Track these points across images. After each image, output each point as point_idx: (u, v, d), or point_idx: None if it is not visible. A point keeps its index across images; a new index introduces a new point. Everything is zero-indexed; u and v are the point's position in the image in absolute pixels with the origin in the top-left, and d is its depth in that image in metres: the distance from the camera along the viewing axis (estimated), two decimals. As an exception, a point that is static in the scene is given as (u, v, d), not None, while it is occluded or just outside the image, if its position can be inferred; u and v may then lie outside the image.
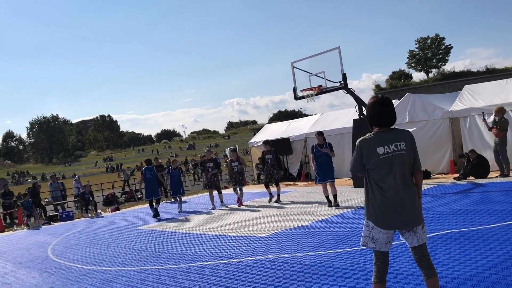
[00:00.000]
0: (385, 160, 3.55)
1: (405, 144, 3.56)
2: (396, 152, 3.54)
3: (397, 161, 3.54)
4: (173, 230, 10.70)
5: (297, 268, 5.92)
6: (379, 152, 3.56)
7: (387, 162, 3.54)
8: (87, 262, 8.43)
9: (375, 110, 3.64)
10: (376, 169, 3.59)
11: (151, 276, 6.66)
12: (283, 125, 22.13)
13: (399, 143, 3.56)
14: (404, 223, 3.53)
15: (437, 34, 57.08)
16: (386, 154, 3.55)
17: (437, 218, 7.85)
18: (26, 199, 16.48)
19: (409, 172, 3.59)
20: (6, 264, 9.44)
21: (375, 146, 3.58)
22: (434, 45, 57.00)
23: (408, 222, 3.53)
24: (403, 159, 3.55)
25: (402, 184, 3.53)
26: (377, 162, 3.57)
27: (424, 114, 14.92)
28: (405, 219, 3.52)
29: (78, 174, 37.99)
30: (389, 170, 3.54)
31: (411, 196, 3.55)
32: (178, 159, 21.12)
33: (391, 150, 3.55)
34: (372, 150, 3.58)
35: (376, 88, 51.92)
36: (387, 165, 3.54)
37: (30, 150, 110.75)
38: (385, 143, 3.56)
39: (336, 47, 13.87)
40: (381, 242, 3.59)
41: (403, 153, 3.55)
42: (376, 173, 3.59)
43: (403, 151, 3.55)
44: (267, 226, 9.40)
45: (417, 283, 4.66)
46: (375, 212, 3.58)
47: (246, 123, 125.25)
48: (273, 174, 13.12)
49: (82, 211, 18.12)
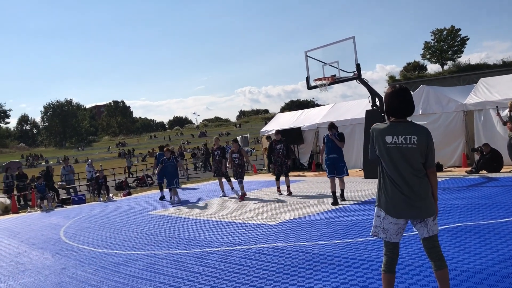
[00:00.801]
0: (391, 150, 3.52)
1: (417, 138, 3.49)
2: (403, 145, 3.49)
3: (403, 153, 3.49)
4: (183, 216, 10.80)
5: (305, 256, 5.95)
6: (387, 141, 3.54)
7: (392, 152, 3.52)
8: (98, 245, 8.55)
9: (392, 100, 3.60)
10: (383, 158, 3.59)
11: (161, 260, 6.75)
12: (295, 115, 22.09)
13: (410, 136, 3.50)
14: (414, 213, 3.52)
15: (453, 25, 56.27)
16: (393, 144, 3.52)
17: (448, 211, 7.82)
18: (40, 182, 16.71)
19: (419, 165, 3.51)
20: (20, 244, 9.62)
21: (385, 134, 3.57)
22: (450, 36, 56.19)
23: (418, 213, 3.51)
24: (411, 153, 3.48)
25: (411, 175, 3.49)
26: (383, 150, 3.56)
27: (438, 106, 14.78)
28: (416, 209, 3.50)
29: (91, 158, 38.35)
30: (394, 160, 3.52)
31: (422, 187, 3.51)
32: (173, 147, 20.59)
33: (399, 141, 3.51)
34: (381, 138, 3.58)
35: (390, 79, 51.52)
36: (392, 155, 3.52)
37: (44, 134, 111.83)
38: (395, 133, 3.53)
39: (350, 37, 13.75)
40: (392, 233, 3.59)
41: (412, 147, 3.48)
42: (384, 162, 3.59)
43: (413, 145, 3.48)
44: (277, 215, 9.44)
45: (426, 275, 4.66)
46: (386, 201, 3.57)
47: (258, 112, 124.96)
48: (284, 165, 12.55)
49: (94, 195, 18.35)
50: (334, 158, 10.30)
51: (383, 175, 3.62)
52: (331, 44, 14.47)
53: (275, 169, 12.81)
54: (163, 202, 14.38)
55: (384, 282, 3.64)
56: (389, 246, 3.63)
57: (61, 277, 6.48)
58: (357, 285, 4.63)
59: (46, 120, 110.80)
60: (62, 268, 7.00)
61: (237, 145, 13.11)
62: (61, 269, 6.97)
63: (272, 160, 12.85)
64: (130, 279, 5.93)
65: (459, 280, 4.40)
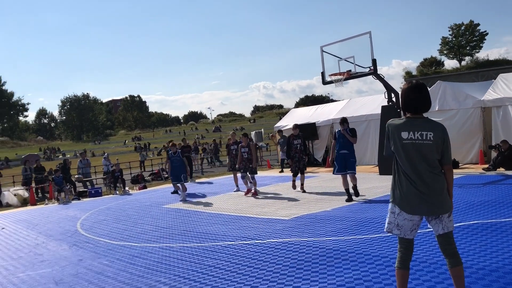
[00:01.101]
0: (406, 146, 3.51)
1: (433, 135, 3.47)
2: (419, 141, 3.48)
3: (419, 149, 3.47)
4: (197, 210, 10.87)
5: (319, 252, 5.96)
6: (403, 137, 3.53)
7: (408, 148, 3.50)
8: (114, 237, 8.67)
9: (409, 96, 3.58)
10: (398, 154, 3.57)
11: (175, 253, 6.82)
12: (309, 110, 22.01)
13: (426, 132, 3.48)
14: (429, 210, 3.49)
15: (472, 20, 55.35)
16: (409, 140, 3.50)
17: (464, 209, 7.74)
18: (57, 175, 16.96)
19: (434, 162, 3.49)
20: (38, 235, 9.79)
21: (401, 130, 3.55)
22: (468, 32, 55.31)
23: (433, 209, 3.49)
24: (427, 149, 3.47)
25: (426, 171, 3.47)
26: (399, 146, 3.55)
27: (455, 102, 14.60)
28: (431, 205, 3.48)
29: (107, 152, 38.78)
30: (410, 157, 3.50)
31: (438, 184, 3.49)
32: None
33: (415, 137, 3.49)
34: (397, 134, 3.56)
35: (406, 74, 50.98)
36: (408, 151, 3.50)
37: (62, 127, 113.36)
38: (411, 129, 3.51)
39: (367, 32, 13.64)
40: (406, 229, 3.57)
41: (428, 143, 3.46)
42: (399, 157, 3.58)
43: (429, 141, 3.46)
44: (290, 210, 9.45)
45: (440, 272, 4.64)
46: (400, 197, 3.56)
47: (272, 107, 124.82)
48: (301, 161, 12.07)
49: (110, 188, 18.56)
50: (345, 154, 10.05)
51: (398, 171, 3.61)
52: (347, 39, 14.37)
53: (292, 165, 12.34)
54: (177, 196, 14.45)
55: (398, 279, 3.63)
56: (403, 243, 3.62)
57: (78, 268, 6.60)
58: (370, 281, 4.63)
59: (64, 114, 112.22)
60: (79, 260, 7.12)
61: (246, 139, 12.82)
62: (78, 260, 7.10)
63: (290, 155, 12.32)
64: (145, 271, 6.01)
65: (475, 278, 4.37)
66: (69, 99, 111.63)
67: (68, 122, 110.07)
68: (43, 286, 5.85)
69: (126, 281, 5.65)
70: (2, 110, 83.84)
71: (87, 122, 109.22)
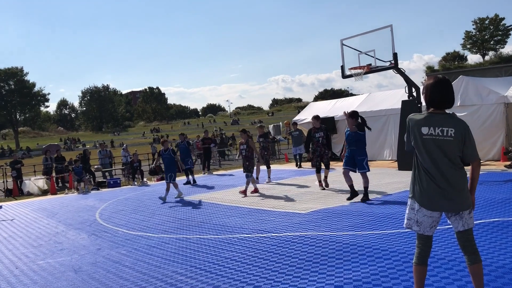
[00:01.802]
0: (426, 141, 3.46)
1: (454, 131, 3.41)
2: (440, 137, 3.42)
3: (439, 145, 3.42)
4: (214, 202, 10.92)
5: (335, 246, 5.93)
6: (423, 132, 3.48)
7: (428, 144, 3.45)
8: (132, 227, 8.77)
9: (434, 91, 3.51)
10: (418, 149, 3.52)
11: (192, 245, 6.87)
12: (329, 104, 21.85)
13: (447, 128, 3.42)
14: (449, 206, 3.44)
15: (497, 14, 54.18)
16: (429, 136, 3.45)
17: (484, 206, 7.61)
18: (77, 165, 17.23)
19: (455, 159, 3.43)
20: (58, 224, 9.97)
21: (421, 125, 3.50)
22: (492, 26, 54.15)
23: (453, 205, 3.43)
24: (447, 145, 3.41)
25: (447, 168, 3.41)
26: (419, 141, 3.50)
27: (477, 98, 14.31)
28: (451, 202, 3.42)
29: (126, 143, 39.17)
30: (430, 152, 3.44)
31: (459, 180, 3.43)
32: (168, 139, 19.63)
33: (436, 133, 3.43)
34: (417, 129, 3.51)
35: (428, 69, 50.20)
36: (428, 147, 3.45)
37: (82, 118, 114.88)
38: (431, 124, 3.46)
39: (388, 25, 13.44)
40: (426, 226, 3.52)
41: (449, 139, 3.41)
42: (419, 153, 3.53)
43: (450, 137, 3.41)
44: (308, 204, 9.42)
45: (459, 269, 4.57)
46: (420, 192, 3.50)
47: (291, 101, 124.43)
48: (324, 155, 11.16)
49: (129, 179, 18.78)
50: (353, 150, 9.36)
51: (418, 167, 3.56)
52: (367, 32, 14.18)
53: (313, 160, 11.47)
54: (195, 187, 14.56)
55: (416, 275, 3.59)
56: (422, 239, 3.57)
57: (96, 257, 6.69)
58: (387, 277, 4.59)
59: (84, 105, 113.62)
60: (98, 249, 7.22)
61: (245, 135, 12.05)
62: (96, 249, 7.20)
63: (311, 149, 11.45)
64: (162, 262, 6.06)
65: (494, 276, 4.30)
66: (89, 90, 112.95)
67: (88, 113, 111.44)
68: (62, 274, 5.95)
69: (143, 271, 5.71)
70: (24, 100, 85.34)
71: (107, 113, 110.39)
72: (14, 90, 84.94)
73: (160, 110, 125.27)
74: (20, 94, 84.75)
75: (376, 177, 12.39)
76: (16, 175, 18.42)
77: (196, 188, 14.51)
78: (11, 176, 18.72)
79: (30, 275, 6.05)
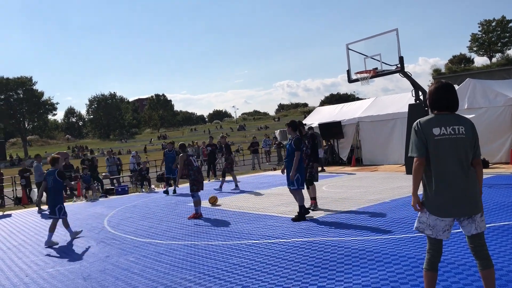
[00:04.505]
0: (440, 142, 3.40)
1: (464, 129, 3.40)
2: (453, 136, 3.39)
3: (454, 144, 3.38)
4: (222, 208, 10.92)
5: (344, 251, 5.90)
6: (435, 133, 3.42)
7: (442, 144, 3.40)
8: (140, 234, 8.78)
9: (438, 96, 3.50)
10: (432, 152, 3.43)
11: (200, 251, 6.86)
12: (335, 108, 21.85)
13: (457, 126, 3.41)
14: (463, 211, 3.39)
15: (504, 16, 53.96)
16: (442, 136, 3.40)
17: (494, 209, 7.55)
18: (85, 173, 17.30)
19: (468, 158, 3.42)
20: (66, 232, 9.99)
21: (432, 126, 3.44)
22: (499, 28, 53.92)
23: (467, 210, 3.38)
24: (461, 143, 3.38)
25: (460, 169, 3.37)
26: (432, 143, 3.42)
27: (484, 100, 14.25)
28: (464, 206, 3.38)
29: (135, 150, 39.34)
30: (444, 154, 3.39)
31: (471, 182, 3.40)
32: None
33: (448, 132, 3.40)
34: (428, 131, 3.44)
35: (435, 72, 49.97)
36: (442, 148, 3.40)
37: (89, 126, 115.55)
38: (442, 124, 3.42)
39: (393, 29, 13.46)
40: (439, 230, 3.45)
41: (462, 137, 3.39)
42: (431, 156, 3.44)
43: (462, 135, 3.39)
44: (316, 209, 9.38)
45: (469, 274, 4.53)
46: (432, 199, 3.45)
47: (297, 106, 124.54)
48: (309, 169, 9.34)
49: (137, 186, 18.82)
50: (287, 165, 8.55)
51: (429, 172, 3.48)
52: (373, 36, 14.22)
53: None
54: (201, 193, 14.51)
55: (426, 281, 3.56)
56: (433, 244, 3.53)
57: (105, 264, 6.71)
58: (396, 282, 4.56)
59: (91, 112, 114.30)
60: (106, 256, 7.24)
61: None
62: (105, 256, 7.22)
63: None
64: (170, 268, 6.06)
65: (505, 281, 4.26)
66: (96, 98, 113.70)
67: (96, 121, 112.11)
68: (71, 282, 5.97)
69: (152, 278, 5.72)
70: (33, 109, 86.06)
71: (114, 120, 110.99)
72: (23, 99, 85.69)
73: (166, 117, 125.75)
74: (28, 103, 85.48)
75: (383, 182, 12.37)
76: (25, 183, 18.50)
77: (203, 194, 14.49)
78: (20, 184, 18.81)
79: (40, 283, 6.08)
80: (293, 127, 8.52)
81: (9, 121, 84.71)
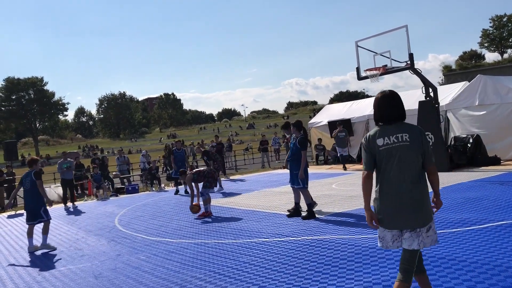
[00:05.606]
0: (384, 152, 3.35)
1: (408, 135, 3.33)
2: (396, 144, 3.33)
3: (398, 153, 3.32)
4: (232, 207, 10.93)
5: (354, 249, 5.89)
6: (379, 144, 3.38)
7: (386, 154, 3.35)
8: (151, 233, 8.83)
9: (381, 106, 3.46)
10: (378, 163, 3.41)
11: (210, 249, 6.88)
12: (344, 106, 21.75)
13: (401, 134, 3.34)
14: (405, 223, 3.30)
15: (515, 11, 53.30)
16: (385, 146, 3.35)
17: (505, 207, 7.48)
18: (95, 172, 17.42)
19: (416, 167, 3.32)
20: (78, 231, 10.09)
21: (376, 138, 3.41)
22: (511, 23, 53.31)
23: (410, 222, 3.28)
24: (404, 152, 3.30)
25: (405, 179, 3.29)
26: (378, 155, 3.39)
27: (496, 97, 14.10)
28: (407, 217, 3.28)
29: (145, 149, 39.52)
30: (388, 163, 3.34)
31: (418, 193, 3.29)
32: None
33: (391, 141, 3.35)
34: (373, 144, 3.41)
35: (445, 69, 49.58)
36: (386, 157, 3.35)
37: (99, 125, 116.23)
38: (385, 134, 3.38)
39: (403, 26, 13.35)
40: (388, 240, 3.41)
41: (405, 144, 3.31)
42: (378, 167, 3.41)
43: (406, 142, 3.31)
44: (325, 207, 9.37)
45: (481, 271, 4.49)
46: (377, 209, 3.42)
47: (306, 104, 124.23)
48: None
49: (147, 185, 18.92)
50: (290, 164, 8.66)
51: (377, 182, 3.45)
52: (382, 33, 14.11)
53: None
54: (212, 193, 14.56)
55: (418, 283, 3.51)
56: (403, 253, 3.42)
57: (116, 263, 6.76)
58: (408, 280, 4.53)
59: (101, 112, 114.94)
60: (117, 255, 7.29)
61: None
62: (116, 255, 7.27)
63: None
64: (181, 267, 6.09)
65: (504, 276, 4.22)
66: (106, 97, 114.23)
67: (106, 120, 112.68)
68: (83, 280, 6.02)
69: (162, 276, 5.75)
70: (44, 109, 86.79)
71: (124, 120, 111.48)
72: (34, 100, 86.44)
73: (176, 116, 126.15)
74: (39, 103, 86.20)
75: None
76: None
77: (212, 193, 14.53)
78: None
79: (52, 281, 6.14)
80: (298, 127, 8.57)
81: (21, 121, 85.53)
